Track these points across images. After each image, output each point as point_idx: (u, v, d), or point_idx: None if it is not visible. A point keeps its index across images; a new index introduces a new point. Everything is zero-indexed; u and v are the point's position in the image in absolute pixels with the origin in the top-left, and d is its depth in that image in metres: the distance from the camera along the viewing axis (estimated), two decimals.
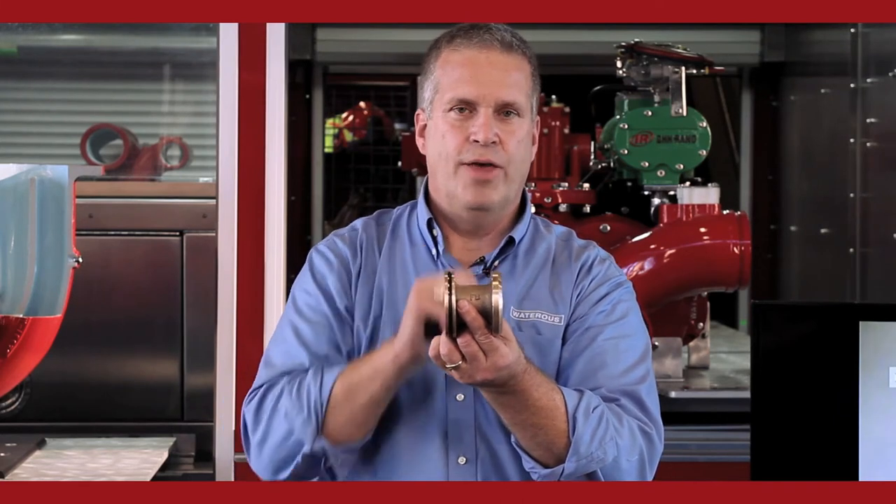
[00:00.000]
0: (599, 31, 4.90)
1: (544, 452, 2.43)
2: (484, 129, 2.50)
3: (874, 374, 2.82)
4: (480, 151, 2.51)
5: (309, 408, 2.45)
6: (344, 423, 2.46)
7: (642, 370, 2.54)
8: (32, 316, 3.20)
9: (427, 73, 2.59)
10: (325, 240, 2.66)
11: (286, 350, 2.56)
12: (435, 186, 2.60)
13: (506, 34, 2.56)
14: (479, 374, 2.32)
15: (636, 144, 4.00)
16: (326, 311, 2.57)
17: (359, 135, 7.36)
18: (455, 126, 2.53)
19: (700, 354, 4.26)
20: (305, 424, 2.46)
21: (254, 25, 3.64)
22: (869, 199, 4.30)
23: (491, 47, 2.54)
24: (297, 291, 2.62)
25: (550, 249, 2.62)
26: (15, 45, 4.89)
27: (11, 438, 3.79)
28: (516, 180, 2.56)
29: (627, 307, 2.58)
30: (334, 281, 2.58)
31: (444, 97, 2.54)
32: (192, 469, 4.02)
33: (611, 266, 2.62)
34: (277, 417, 2.48)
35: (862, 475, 2.81)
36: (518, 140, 2.54)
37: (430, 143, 2.59)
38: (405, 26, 5.07)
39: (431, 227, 2.60)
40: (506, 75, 2.53)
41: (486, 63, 2.53)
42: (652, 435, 2.50)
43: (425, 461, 2.51)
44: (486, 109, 2.51)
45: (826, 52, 4.88)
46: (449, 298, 2.27)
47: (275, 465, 2.51)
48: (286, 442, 2.48)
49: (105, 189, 4.36)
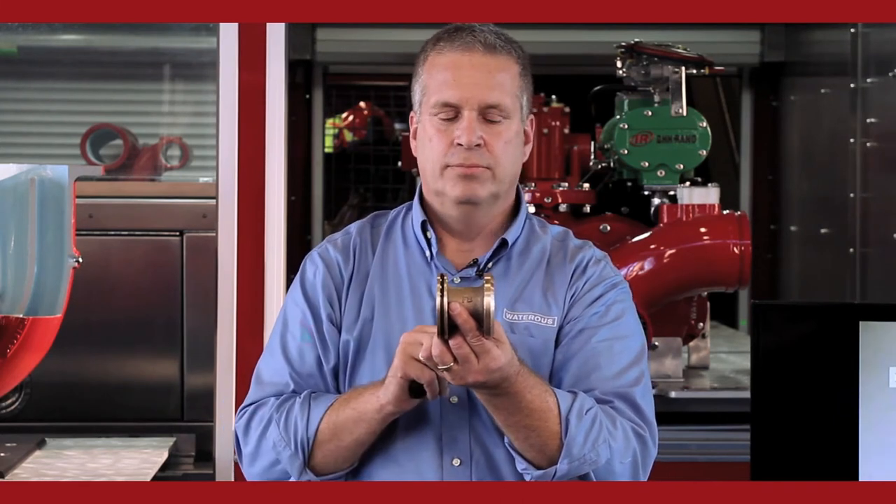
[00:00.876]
0: (599, 31, 4.91)
1: (537, 454, 2.42)
2: (467, 133, 2.50)
3: (874, 374, 2.82)
4: (465, 155, 2.51)
5: (296, 443, 2.50)
6: (329, 459, 2.50)
7: (637, 372, 2.53)
8: (32, 316, 3.20)
9: (416, 76, 2.61)
10: (319, 245, 2.67)
11: (274, 368, 2.60)
12: (426, 188, 2.60)
13: (489, 35, 2.55)
14: (470, 375, 2.32)
15: (636, 144, 4.00)
16: (311, 327, 2.59)
17: (359, 135, 7.36)
18: (440, 130, 2.53)
19: (700, 354, 4.26)
20: (293, 459, 2.50)
21: (254, 25, 3.64)
22: (869, 199, 4.30)
23: (473, 49, 2.54)
24: (287, 302, 2.65)
25: (545, 250, 2.61)
26: (15, 45, 4.89)
27: (11, 438, 3.79)
28: (505, 180, 2.56)
29: (622, 308, 2.57)
30: (321, 292, 2.60)
31: (430, 101, 2.55)
32: (192, 469, 4.02)
33: (606, 267, 2.61)
34: (266, 444, 2.53)
35: (862, 475, 2.81)
36: (505, 142, 2.53)
37: (419, 146, 2.60)
38: (405, 26, 5.07)
39: (425, 229, 2.60)
40: (489, 77, 2.53)
41: (468, 65, 2.53)
42: (646, 437, 2.49)
43: (420, 463, 2.51)
44: (469, 112, 2.51)
45: (826, 52, 4.88)
46: (441, 300, 2.27)
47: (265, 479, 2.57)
48: (274, 468, 2.54)
49: (105, 189, 4.36)
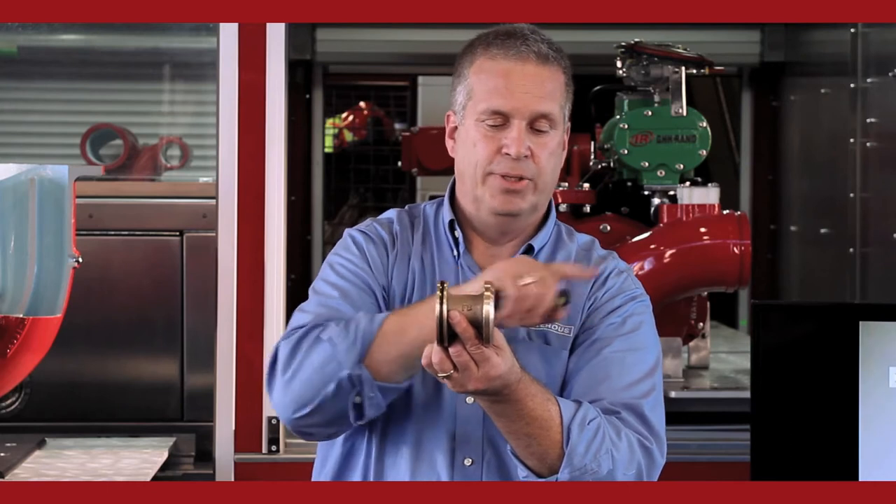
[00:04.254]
0: (599, 31, 4.90)
1: (538, 462, 2.42)
2: (517, 144, 2.50)
3: (874, 374, 2.83)
4: (512, 165, 2.51)
5: (356, 335, 2.42)
6: (389, 359, 2.42)
7: (648, 385, 2.52)
8: (32, 316, 3.20)
9: (460, 77, 2.59)
10: (363, 224, 2.66)
11: (324, 302, 2.53)
12: (462, 191, 2.60)
13: (542, 45, 2.55)
14: (470, 383, 2.31)
15: (636, 144, 4.00)
16: (367, 278, 2.56)
17: (359, 135, 7.37)
18: (487, 136, 2.53)
19: (700, 354, 4.26)
20: (350, 350, 2.42)
21: (254, 25, 3.64)
22: (869, 199, 4.30)
23: (527, 59, 2.53)
24: (333, 259, 2.60)
25: (569, 259, 2.62)
26: (15, 45, 4.89)
27: (11, 438, 3.79)
28: (546, 191, 2.57)
29: (639, 321, 2.57)
30: (375, 257, 2.58)
31: (478, 106, 2.54)
32: (192, 469, 4.02)
33: (628, 279, 2.61)
34: (320, 346, 2.44)
35: (862, 475, 2.81)
36: (550, 153, 2.54)
37: (460, 148, 2.59)
38: (405, 26, 5.07)
39: (453, 228, 2.61)
40: (541, 87, 2.53)
41: (521, 75, 2.52)
42: (652, 450, 2.48)
43: (432, 460, 2.51)
44: (519, 122, 2.51)
45: (826, 52, 4.88)
46: (440, 308, 2.27)
47: (301, 397, 2.44)
48: (324, 367, 2.43)
49: (105, 189, 4.36)
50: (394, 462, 2.53)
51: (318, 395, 2.43)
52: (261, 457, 3.62)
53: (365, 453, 2.56)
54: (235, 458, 3.63)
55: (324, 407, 2.44)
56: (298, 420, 2.47)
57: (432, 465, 2.51)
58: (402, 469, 2.52)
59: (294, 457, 3.61)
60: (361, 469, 2.56)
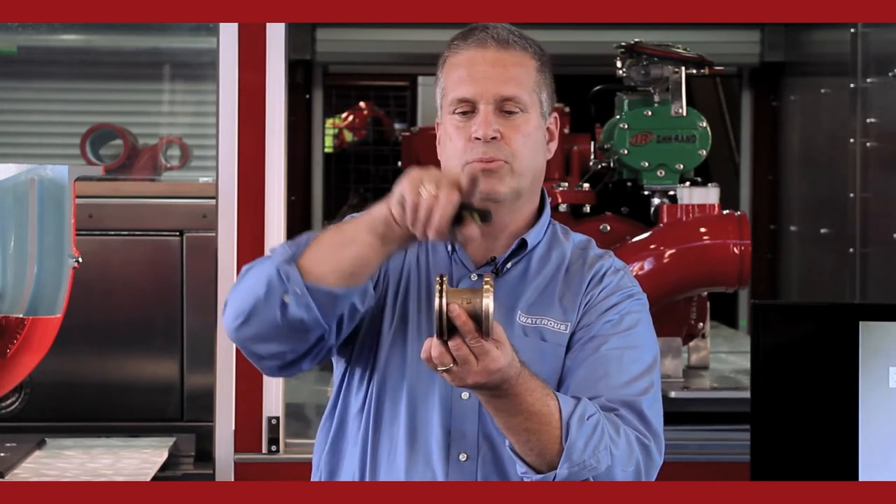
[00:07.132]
0: (599, 31, 4.90)
1: (536, 458, 2.41)
2: (483, 126, 2.51)
3: (874, 374, 2.83)
4: (483, 149, 2.52)
5: (295, 244, 2.45)
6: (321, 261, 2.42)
7: (646, 382, 2.52)
8: (32, 316, 3.20)
9: (437, 81, 2.63)
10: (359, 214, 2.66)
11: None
12: None
13: (502, 31, 2.57)
14: (469, 377, 2.31)
15: (636, 144, 4.00)
16: None
17: (359, 135, 7.36)
18: (459, 127, 2.55)
19: (700, 354, 4.26)
20: (283, 252, 2.43)
21: (254, 25, 3.64)
22: (869, 199, 4.30)
23: (487, 45, 2.55)
24: None
25: (565, 257, 2.62)
26: (15, 45, 4.89)
27: (11, 438, 3.79)
28: (526, 175, 2.56)
29: (637, 319, 2.57)
30: None
31: (447, 99, 2.57)
32: (192, 469, 4.02)
33: (624, 277, 2.61)
34: (263, 260, 2.46)
35: (862, 475, 2.81)
36: (523, 135, 2.54)
37: (441, 147, 2.61)
38: (405, 26, 5.07)
39: None
40: (503, 71, 2.54)
41: (482, 61, 2.54)
42: (650, 447, 2.48)
43: (427, 455, 2.51)
44: (485, 106, 2.52)
45: (826, 52, 4.88)
46: (439, 302, 2.27)
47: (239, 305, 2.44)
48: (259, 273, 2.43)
49: (105, 189, 4.37)
50: (389, 457, 2.53)
51: (251, 298, 2.43)
52: (261, 457, 3.62)
53: (360, 448, 2.56)
54: (235, 458, 3.62)
55: (257, 311, 2.42)
56: (238, 331, 2.46)
57: (428, 460, 2.51)
58: (397, 464, 2.52)
59: (294, 457, 3.61)
60: (358, 464, 2.55)
